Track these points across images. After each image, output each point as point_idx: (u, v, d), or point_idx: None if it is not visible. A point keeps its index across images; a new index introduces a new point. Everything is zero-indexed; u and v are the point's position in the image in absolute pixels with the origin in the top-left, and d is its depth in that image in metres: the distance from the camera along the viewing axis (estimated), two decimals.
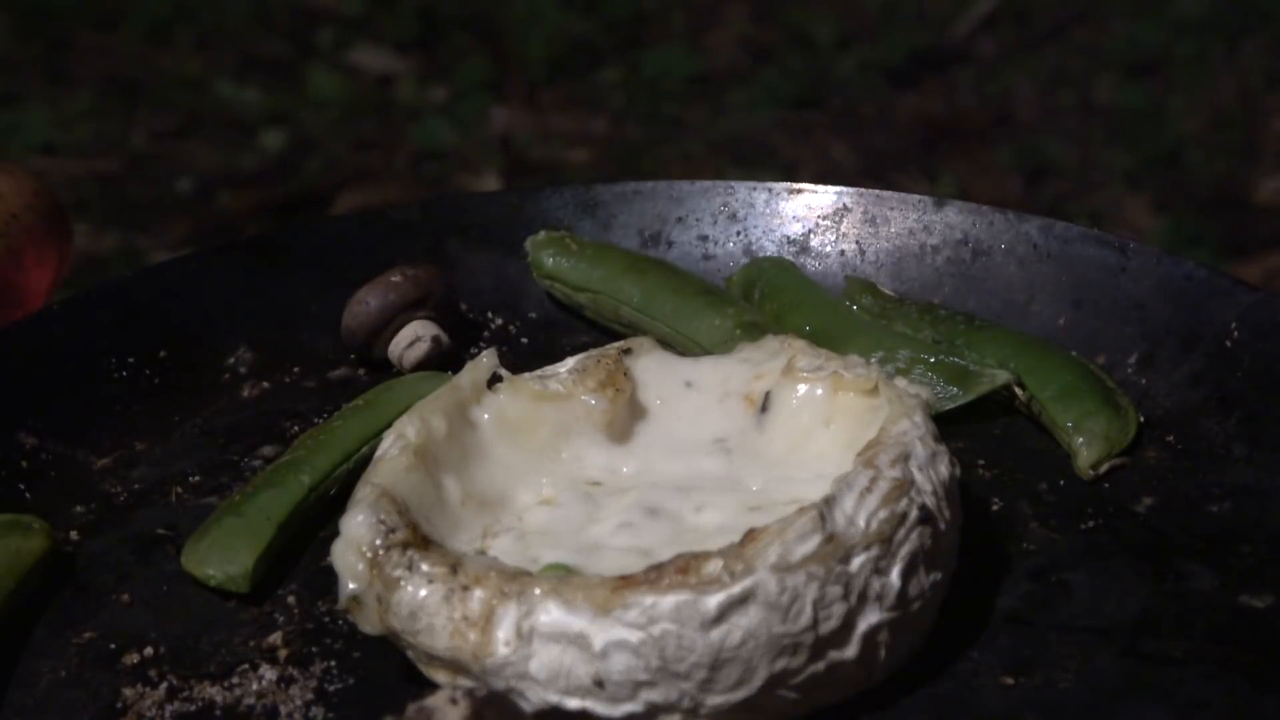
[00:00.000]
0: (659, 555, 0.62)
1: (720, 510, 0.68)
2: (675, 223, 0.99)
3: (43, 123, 2.34)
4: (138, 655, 0.69)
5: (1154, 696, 0.63)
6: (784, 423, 0.72)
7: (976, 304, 0.91)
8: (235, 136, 2.33)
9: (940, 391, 0.81)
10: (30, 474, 0.81)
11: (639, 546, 0.65)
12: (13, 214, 0.92)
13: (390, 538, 0.62)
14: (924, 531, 0.62)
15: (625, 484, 0.71)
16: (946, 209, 0.94)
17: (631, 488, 0.70)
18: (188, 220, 2.13)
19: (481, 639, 0.59)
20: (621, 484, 0.71)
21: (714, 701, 0.59)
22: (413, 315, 0.90)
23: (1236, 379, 0.80)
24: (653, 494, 0.69)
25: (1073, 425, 0.78)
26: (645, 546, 0.65)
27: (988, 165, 2.16)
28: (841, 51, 2.51)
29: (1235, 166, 2.14)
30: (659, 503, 0.69)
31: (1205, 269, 0.86)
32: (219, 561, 0.72)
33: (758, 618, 0.58)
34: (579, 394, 0.73)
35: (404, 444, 0.68)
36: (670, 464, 0.72)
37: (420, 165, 2.28)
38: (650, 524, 0.67)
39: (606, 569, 0.63)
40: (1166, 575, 0.70)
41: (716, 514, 0.68)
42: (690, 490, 0.70)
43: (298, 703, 0.65)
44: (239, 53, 2.57)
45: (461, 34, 2.60)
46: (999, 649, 0.66)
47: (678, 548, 0.61)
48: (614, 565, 0.63)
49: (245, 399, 0.89)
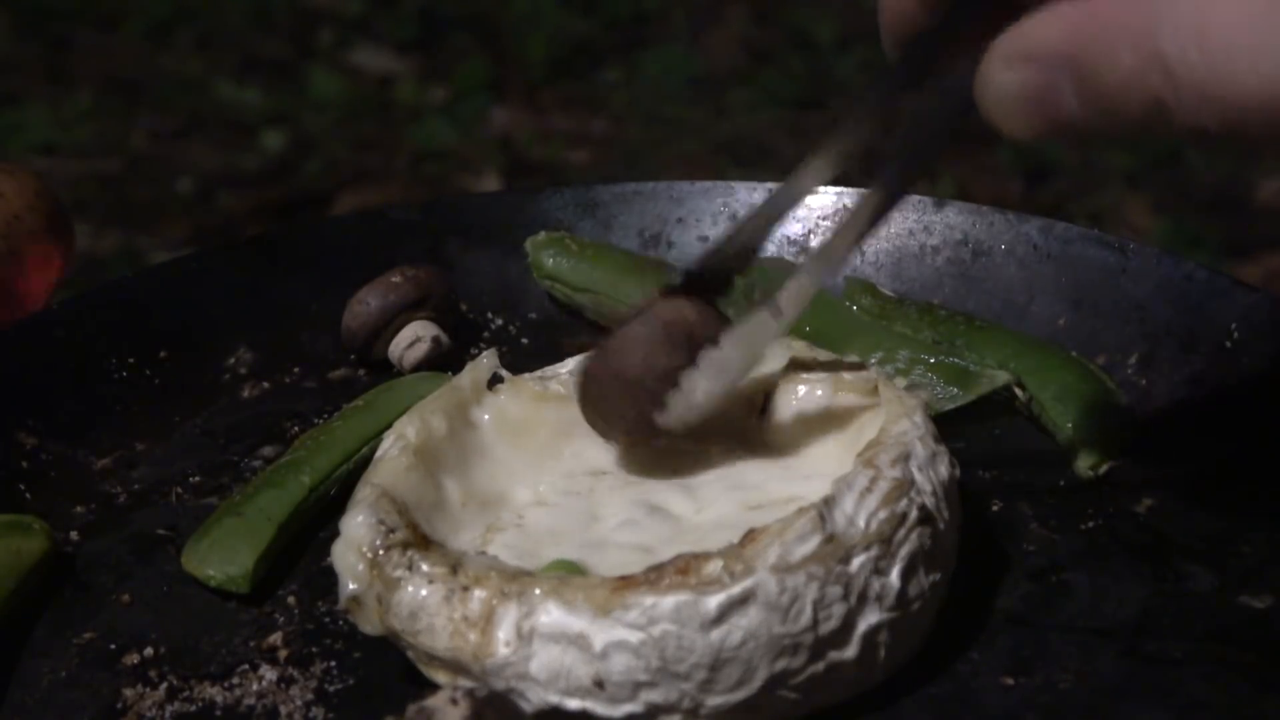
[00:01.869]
0: (660, 554, 0.62)
1: (721, 509, 0.68)
2: (675, 223, 0.99)
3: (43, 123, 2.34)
4: (138, 655, 0.69)
5: (1154, 697, 0.63)
6: (784, 423, 0.72)
7: (976, 304, 0.91)
8: (235, 137, 2.33)
9: (940, 392, 0.81)
10: (30, 474, 0.81)
11: (640, 545, 0.65)
12: (15, 215, 0.92)
13: (390, 538, 0.62)
14: (924, 532, 0.62)
15: (625, 483, 0.71)
16: (946, 209, 0.94)
17: (631, 487, 0.70)
18: (188, 221, 2.13)
19: (482, 639, 0.59)
20: (621, 483, 0.71)
21: (714, 702, 0.59)
22: (413, 315, 0.90)
23: (1236, 379, 0.80)
24: (653, 493, 0.70)
25: (1073, 425, 0.78)
26: (646, 545, 0.65)
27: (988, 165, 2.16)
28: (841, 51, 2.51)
29: (1235, 167, 2.14)
30: (659, 502, 0.69)
31: (1205, 269, 0.85)
32: (219, 562, 0.72)
33: (758, 618, 0.58)
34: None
35: (404, 444, 0.68)
36: (670, 463, 0.72)
37: (420, 165, 2.28)
38: (651, 523, 0.67)
39: (607, 568, 0.63)
40: (1166, 575, 0.70)
41: (717, 513, 0.68)
42: (691, 489, 0.70)
43: (298, 703, 0.65)
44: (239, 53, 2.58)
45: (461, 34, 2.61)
46: (999, 649, 0.66)
47: (678, 547, 0.61)
48: (615, 564, 0.63)
49: (245, 399, 0.89)
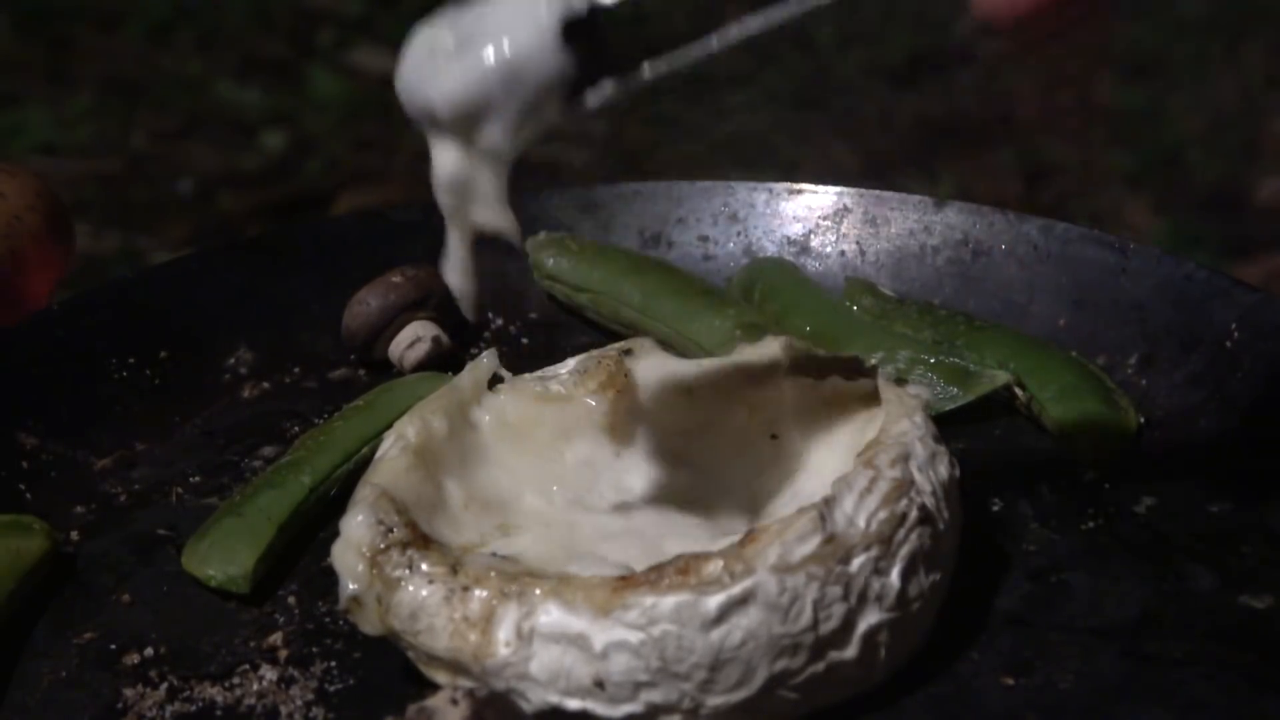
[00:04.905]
0: (659, 554, 0.62)
1: (721, 508, 0.68)
2: (675, 223, 0.99)
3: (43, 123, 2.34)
4: (138, 655, 0.69)
5: (1154, 697, 0.63)
6: (784, 423, 0.72)
7: (976, 304, 0.91)
8: (236, 137, 2.33)
9: (940, 392, 0.81)
10: (30, 474, 0.81)
11: (640, 544, 0.65)
12: (16, 215, 0.92)
13: (390, 538, 0.62)
14: (924, 532, 0.62)
15: (625, 482, 0.71)
16: (947, 209, 0.94)
17: (631, 485, 0.70)
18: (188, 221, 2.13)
19: (482, 639, 0.59)
20: (622, 482, 0.71)
21: (714, 702, 0.59)
22: (413, 316, 0.90)
23: (1236, 379, 0.80)
24: (653, 492, 0.70)
25: (1073, 425, 0.78)
26: (646, 545, 0.65)
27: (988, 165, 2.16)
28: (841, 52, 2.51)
29: (1235, 167, 2.14)
30: (660, 501, 0.69)
31: (1205, 269, 0.86)
32: (219, 562, 0.72)
33: (758, 618, 0.58)
34: (579, 395, 0.73)
35: (404, 445, 0.68)
36: (671, 462, 0.72)
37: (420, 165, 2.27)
38: (651, 522, 0.67)
39: (608, 568, 0.63)
40: (1166, 575, 0.70)
41: (717, 512, 0.68)
42: (691, 489, 0.70)
43: (298, 703, 0.65)
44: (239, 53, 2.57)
45: None
46: (999, 649, 0.66)
47: (679, 546, 0.61)
48: (615, 563, 0.63)
49: (245, 399, 0.89)
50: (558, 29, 0.57)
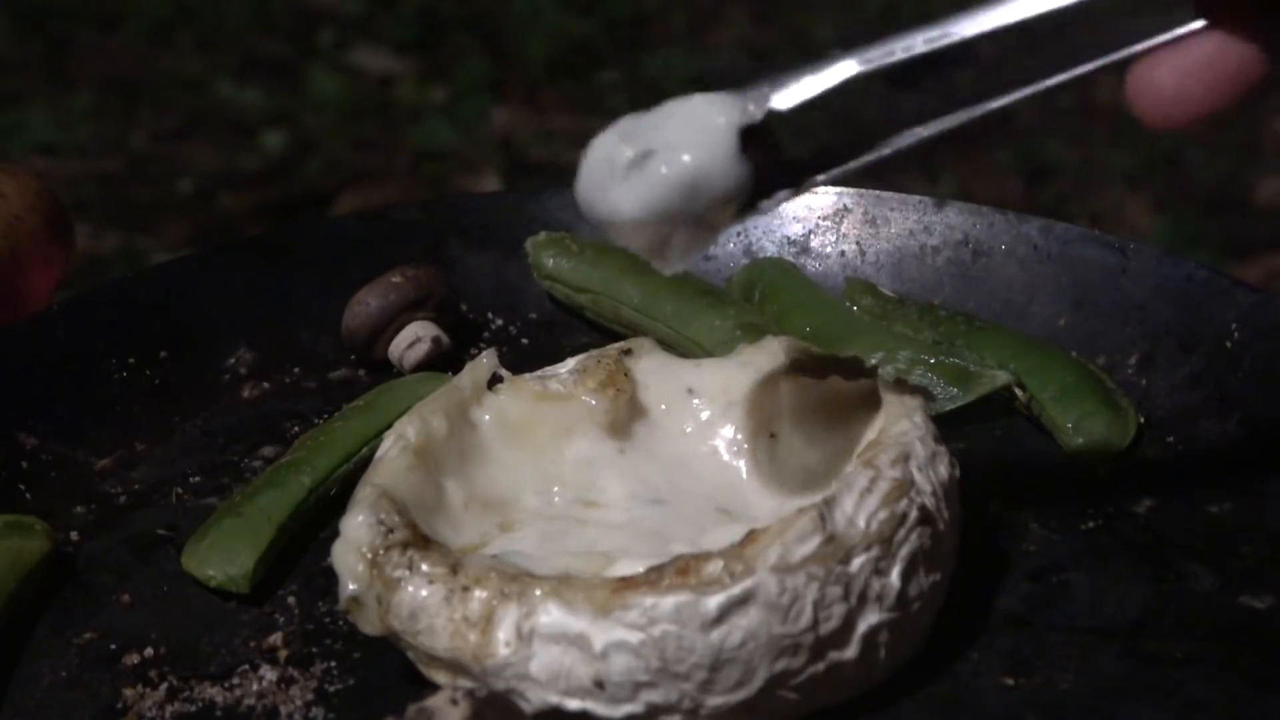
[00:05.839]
0: (659, 554, 0.62)
1: (721, 508, 0.68)
2: None
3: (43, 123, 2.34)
4: (138, 656, 0.69)
5: (1154, 697, 0.63)
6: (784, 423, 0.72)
7: (976, 304, 0.91)
8: (235, 137, 2.33)
9: (940, 392, 0.81)
10: (30, 474, 0.81)
11: (641, 542, 0.65)
12: (16, 216, 0.92)
13: (390, 538, 0.62)
14: (924, 532, 0.62)
15: (625, 481, 0.71)
16: (947, 209, 0.94)
17: (632, 484, 0.70)
18: (188, 221, 2.13)
19: (482, 640, 0.59)
20: (622, 481, 0.71)
21: (714, 702, 0.59)
22: (413, 316, 0.90)
23: (1236, 379, 0.80)
24: (653, 491, 0.70)
25: (1073, 426, 0.78)
26: (646, 545, 0.65)
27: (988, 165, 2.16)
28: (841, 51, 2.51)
29: (1235, 167, 2.14)
30: (660, 499, 0.69)
31: (1205, 269, 0.86)
32: (219, 562, 0.72)
33: (758, 618, 0.58)
34: (579, 395, 0.73)
35: (404, 445, 0.68)
36: (670, 461, 0.72)
37: (420, 165, 2.28)
38: (651, 521, 0.67)
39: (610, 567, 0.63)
40: (1166, 575, 0.70)
41: (716, 512, 0.68)
42: (691, 488, 0.70)
43: (298, 703, 0.65)
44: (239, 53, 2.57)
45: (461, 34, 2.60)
46: (999, 649, 0.66)
47: (679, 546, 0.61)
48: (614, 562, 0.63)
49: (245, 399, 0.89)
50: (736, 139, 0.57)
